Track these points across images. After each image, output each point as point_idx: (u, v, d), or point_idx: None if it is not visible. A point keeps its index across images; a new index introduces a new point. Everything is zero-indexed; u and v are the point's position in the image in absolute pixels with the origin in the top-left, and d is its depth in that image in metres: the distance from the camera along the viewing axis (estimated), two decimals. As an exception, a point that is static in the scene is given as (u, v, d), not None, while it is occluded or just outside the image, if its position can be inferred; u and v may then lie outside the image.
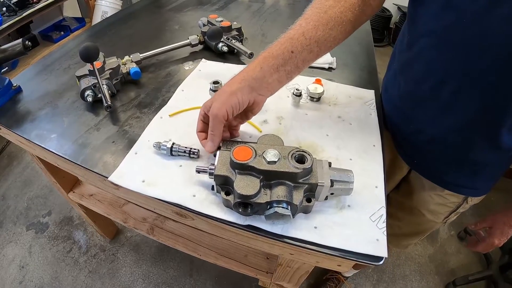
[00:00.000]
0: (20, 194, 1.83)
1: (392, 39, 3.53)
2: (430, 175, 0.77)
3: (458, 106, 0.59)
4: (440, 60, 0.58)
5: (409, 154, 0.79)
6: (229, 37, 0.97)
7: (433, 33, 0.57)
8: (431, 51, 0.59)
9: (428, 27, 0.58)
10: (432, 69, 0.60)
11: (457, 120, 0.61)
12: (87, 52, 0.69)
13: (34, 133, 0.72)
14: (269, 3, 1.47)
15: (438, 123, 0.65)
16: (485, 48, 0.50)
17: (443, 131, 0.65)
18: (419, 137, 0.71)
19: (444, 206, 0.81)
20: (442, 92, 0.60)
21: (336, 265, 0.56)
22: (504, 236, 0.76)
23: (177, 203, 0.56)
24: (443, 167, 0.73)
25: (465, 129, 0.62)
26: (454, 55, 0.55)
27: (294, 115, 0.76)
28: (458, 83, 0.57)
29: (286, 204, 0.48)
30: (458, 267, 1.63)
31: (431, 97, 0.63)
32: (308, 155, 0.51)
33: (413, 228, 0.95)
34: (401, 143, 0.80)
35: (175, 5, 1.42)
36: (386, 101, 0.83)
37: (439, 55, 0.58)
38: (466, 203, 0.79)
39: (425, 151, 0.73)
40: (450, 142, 0.66)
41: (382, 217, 0.55)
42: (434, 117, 0.65)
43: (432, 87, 0.61)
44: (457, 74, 0.56)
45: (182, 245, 1.06)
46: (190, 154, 0.63)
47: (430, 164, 0.75)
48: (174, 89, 0.84)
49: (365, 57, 1.05)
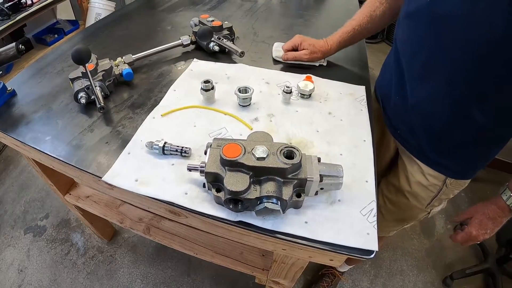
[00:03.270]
0: (17, 198, 1.83)
1: (386, 35, 3.54)
2: (410, 146, 0.81)
3: (429, 76, 0.66)
4: (414, 36, 0.67)
5: (394, 125, 0.83)
6: (220, 37, 0.98)
7: (409, 13, 0.67)
8: (409, 29, 0.68)
9: (406, 10, 0.68)
10: (408, 43, 0.70)
11: (428, 91, 0.67)
12: (79, 54, 0.70)
13: (29, 136, 0.73)
14: (261, 2, 1.47)
15: (417, 91, 0.70)
16: (449, 26, 0.57)
17: (418, 101, 0.71)
18: (402, 106, 0.76)
19: (426, 189, 0.83)
20: (415, 62, 0.68)
21: (328, 259, 0.57)
22: (482, 228, 0.75)
23: (170, 201, 0.56)
24: (422, 140, 0.76)
25: (438, 100, 0.67)
26: (424, 31, 0.63)
27: (285, 112, 0.77)
28: (428, 55, 0.64)
29: (276, 199, 0.49)
30: (455, 260, 1.64)
31: (408, 67, 0.70)
32: (296, 150, 0.52)
33: (397, 215, 0.96)
34: (388, 114, 0.85)
35: (168, 5, 1.42)
36: (380, 79, 0.92)
37: (414, 31, 0.67)
38: (446, 187, 0.80)
39: (406, 120, 0.77)
40: (426, 112, 0.70)
41: (372, 211, 0.56)
42: (412, 86, 0.71)
43: (408, 58, 0.70)
44: (426, 47, 0.63)
45: (178, 244, 1.07)
46: (182, 152, 0.63)
47: (411, 135, 0.78)
48: (166, 89, 0.84)
49: (356, 54, 1.06)
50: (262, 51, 1.04)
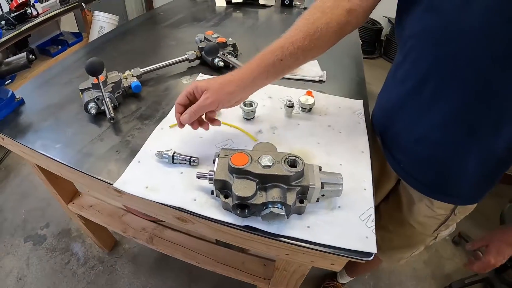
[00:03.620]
0: (17, 207, 1.84)
1: (383, 51, 3.63)
2: (415, 182, 0.76)
3: (440, 103, 0.61)
4: (423, 59, 0.61)
5: (396, 158, 0.78)
6: (225, 53, 1.02)
7: (417, 34, 0.61)
8: (416, 51, 0.63)
9: (413, 30, 0.62)
10: (416, 67, 0.64)
11: (439, 117, 0.63)
12: (93, 66, 0.74)
13: (38, 143, 0.75)
14: (262, 19, 1.53)
15: (422, 121, 0.66)
16: (464, 43, 0.53)
17: (427, 129, 0.66)
18: (405, 137, 0.73)
19: (433, 218, 0.80)
20: (425, 89, 0.63)
21: (329, 263, 0.60)
22: (500, 255, 0.73)
23: (179, 206, 0.59)
24: (429, 172, 0.72)
25: (448, 127, 0.63)
26: (436, 53, 0.58)
27: (287, 125, 0.81)
28: (439, 79, 0.60)
29: (281, 204, 0.52)
30: (454, 271, 1.66)
31: (415, 94, 0.66)
32: (299, 159, 0.55)
33: (404, 241, 0.94)
34: (389, 146, 0.80)
35: (171, 21, 1.47)
36: (377, 108, 0.86)
37: (422, 53, 0.61)
38: (454, 215, 0.77)
39: (411, 153, 0.73)
40: (433, 141, 0.67)
41: (370, 216, 0.59)
42: (418, 115, 0.67)
43: (416, 84, 0.65)
44: (438, 71, 0.59)
45: (181, 253, 1.08)
46: (191, 162, 0.67)
47: (415, 168, 0.75)
48: (173, 102, 0.87)
49: (354, 69, 1.11)
50: (264, 67, 1.07)
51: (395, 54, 0.77)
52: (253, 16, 1.58)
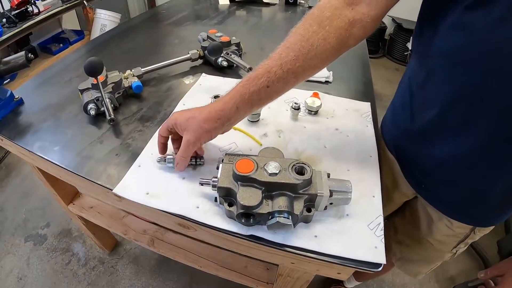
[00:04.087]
0: (18, 206, 1.82)
1: (387, 50, 3.60)
2: (438, 202, 0.73)
3: (468, 129, 0.56)
4: (451, 82, 0.55)
5: (416, 179, 0.75)
6: (229, 52, 1.00)
7: (442, 53, 0.55)
8: (444, 72, 0.56)
9: (437, 48, 0.56)
10: (443, 91, 0.58)
11: (467, 144, 0.58)
12: (92, 66, 0.71)
13: (37, 145, 0.73)
14: (266, 17, 1.51)
15: (448, 147, 0.62)
16: (495, 68, 0.48)
17: (453, 155, 0.62)
18: (427, 161, 0.68)
19: (452, 236, 0.78)
20: (452, 114, 0.57)
21: (336, 272, 0.58)
22: None
23: (182, 214, 0.57)
24: (452, 194, 0.69)
25: (475, 154, 0.58)
26: (464, 76, 0.52)
27: (293, 128, 0.78)
28: (469, 105, 0.54)
29: (287, 214, 0.50)
30: (457, 274, 1.64)
31: (440, 119, 0.60)
32: (307, 166, 0.53)
33: (422, 256, 0.91)
34: (407, 165, 0.76)
35: (174, 19, 1.45)
36: (390, 123, 0.82)
37: (450, 76, 0.55)
38: (474, 234, 0.75)
39: (433, 175, 0.69)
40: (459, 167, 0.63)
41: (379, 225, 0.57)
42: (443, 139, 0.62)
43: (442, 109, 0.59)
44: (467, 96, 0.54)
45: (182, 256, 1.07)
46: (197, 162, 0.65)
47: (439, 189, 0.71)
48: (175, 103, 0.86)
49: (360, 70, 1.08)
50: (269, 66, 1.05)
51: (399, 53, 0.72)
52: (256, 15, 1.55)
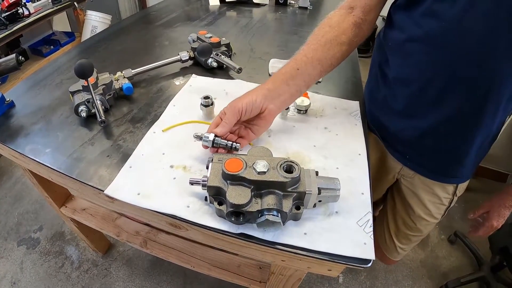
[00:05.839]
0: (10, 210, 1.81)
1: (378, 49, 3.62)
2: (422, 168, 0.82)
3: (445, 101, 0.65)
4: (428, 62, 0.63)
5: (400, 151, 0.83)
6: (218, 53, 1.00)
7: (418, 39, 0.63)
8: (419, 55, 0.64)
9: (413, 35, 0.64)
10: (420, 70, 0.66)
11: (445, 113, 0.66)
12: (82, 68, 0.71)
13: (28, 148, 0.73)
14: (256, 18, 1.51)
15: (428, 118, 0.70)
16: (466, 47, 0.56)
17: (433, 124, 0.70)
18: (410, 133, 0.75)
19: (439, 204, 0.87)
20: (431, 89, 0.65)
21: (326, 269, 0.58)
22: (501, 218, 0.84)
23: (172, 214, 0.57)
24: (435, 159, 0.78)
25: (453, 120, 0.67)
26: (440, 57, 0.60)
27: (283, 128, 0.79)
28: (445, 81, 0.62)
29: (277, 212, 0.51)
30: (450, 270, 1.67)
31: (420, 96, 0.68)
32: (296, 165, 0.54)
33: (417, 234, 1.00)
34: (391, 141, 0.84)
35: (164, 20, 1.45)
36: (373, 105, 0.87)
37: (426, 57, 0.63)
38: (456, 196, 0.85)
39: (417, 145, 0.77)
40: (440, 134, 0.71)
41: (368, 222, 0.58)
42: (424, 112, 0.70)
43: (421, 86, 0.67)
44: (443, 73, 0.61)
45: (175, 257, 1.07)
46: (232, 147, 0.64)
47: (423, 158, 0.79)
48: (165, 104, 0.86)
49: (350, 69, 1.10)
50: (259, 68, 1.06)
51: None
52: (247, 15, 1.55)
